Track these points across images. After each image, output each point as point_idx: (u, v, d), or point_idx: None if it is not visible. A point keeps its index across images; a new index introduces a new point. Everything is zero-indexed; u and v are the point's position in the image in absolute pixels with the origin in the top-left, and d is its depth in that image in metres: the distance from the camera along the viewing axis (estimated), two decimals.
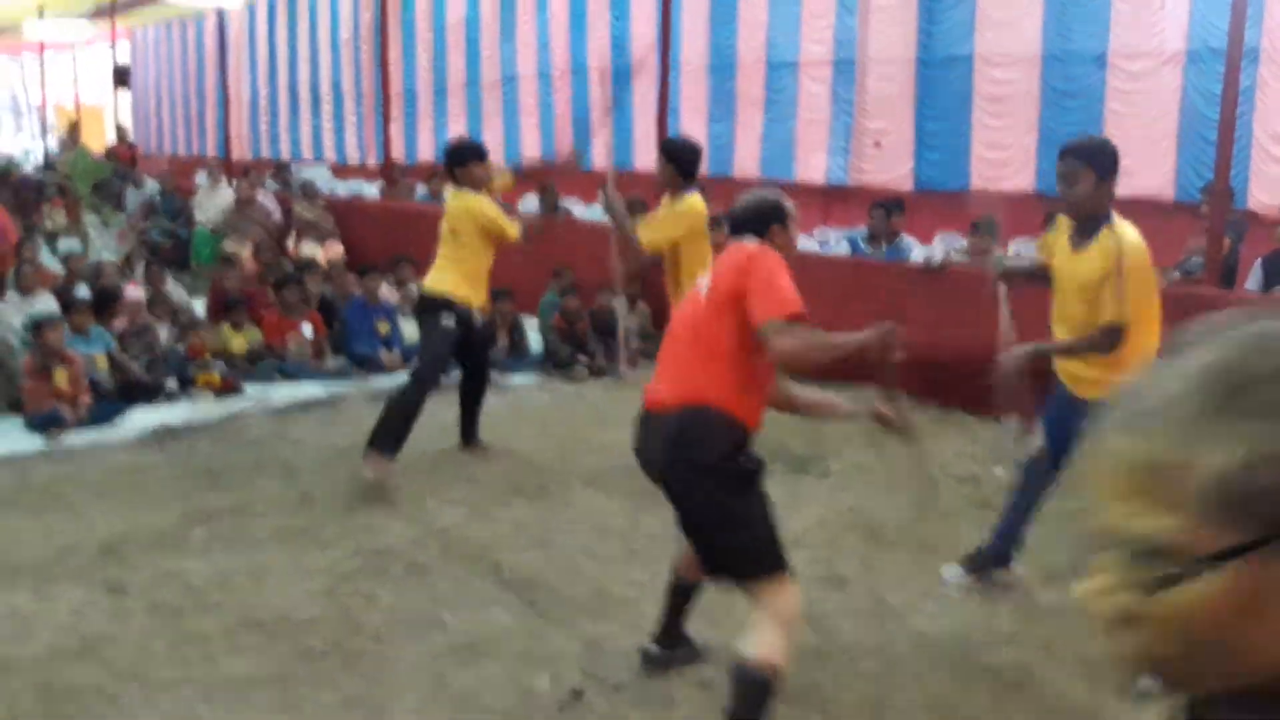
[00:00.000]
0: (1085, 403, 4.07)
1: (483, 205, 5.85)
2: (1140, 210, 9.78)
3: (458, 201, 5.90)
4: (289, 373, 7.78)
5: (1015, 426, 6.84)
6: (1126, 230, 3.95)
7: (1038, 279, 4.36)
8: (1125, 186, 10.36)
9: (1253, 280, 6.78)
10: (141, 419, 6.77)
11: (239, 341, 7.89)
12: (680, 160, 5.55)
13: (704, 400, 3.22)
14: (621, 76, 14.65)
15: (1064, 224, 4.16)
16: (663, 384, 3.36)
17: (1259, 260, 6.81)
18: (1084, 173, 3.95)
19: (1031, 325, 4.53)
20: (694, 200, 5.52)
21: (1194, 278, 7.26)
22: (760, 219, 3.38)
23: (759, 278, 3.17)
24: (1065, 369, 4.25)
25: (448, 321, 5.77)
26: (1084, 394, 4.12)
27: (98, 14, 19.95)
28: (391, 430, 5.63)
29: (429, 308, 5.92)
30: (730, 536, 3.24)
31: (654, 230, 5.53)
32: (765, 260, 3.23)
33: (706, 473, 3.23)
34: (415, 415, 5.69)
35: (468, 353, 6.05)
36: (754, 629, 3.20)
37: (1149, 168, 9.91)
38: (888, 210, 8.52)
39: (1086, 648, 4.08)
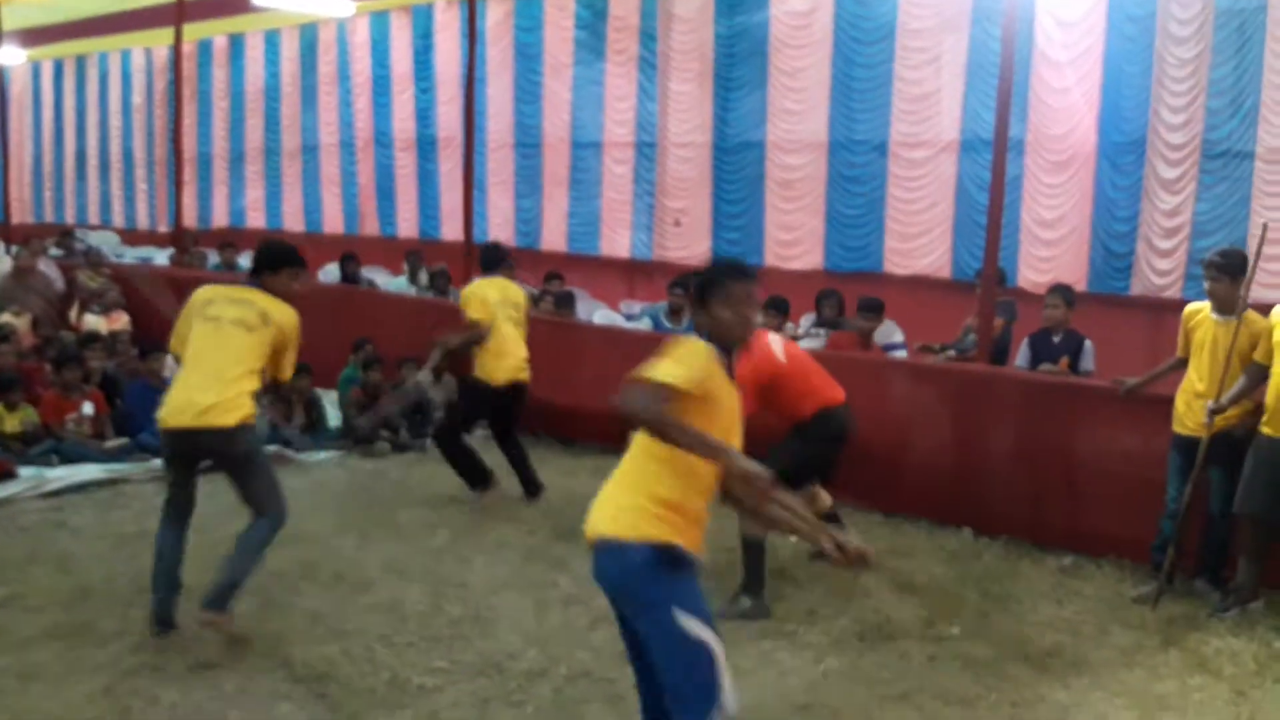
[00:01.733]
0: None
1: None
2: (921, 287, 10.49)
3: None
4: (67, 455, 7.35)
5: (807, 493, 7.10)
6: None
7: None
8: (906, 266, 11.06)
9: (1021, 358, 7.25)
10: None
11: (12, 422, 7.42)
12: (481, 258, 7.46)
13: None
14: (426, 148, 14.68)
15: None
16: None
17: (1026, 339, 7.30)
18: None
19: None
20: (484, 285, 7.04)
21: (968, 355, 7.72)
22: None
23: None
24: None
25: None
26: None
27: None
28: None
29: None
30: None
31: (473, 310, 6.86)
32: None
33: None
34: None
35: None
36: None
37: (928, 249, 10.56)
38: (685, 287, 8.75)
39: (872, 714, 4.24)
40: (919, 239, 10.58)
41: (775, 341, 5.66)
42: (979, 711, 4.34)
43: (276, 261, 4.95)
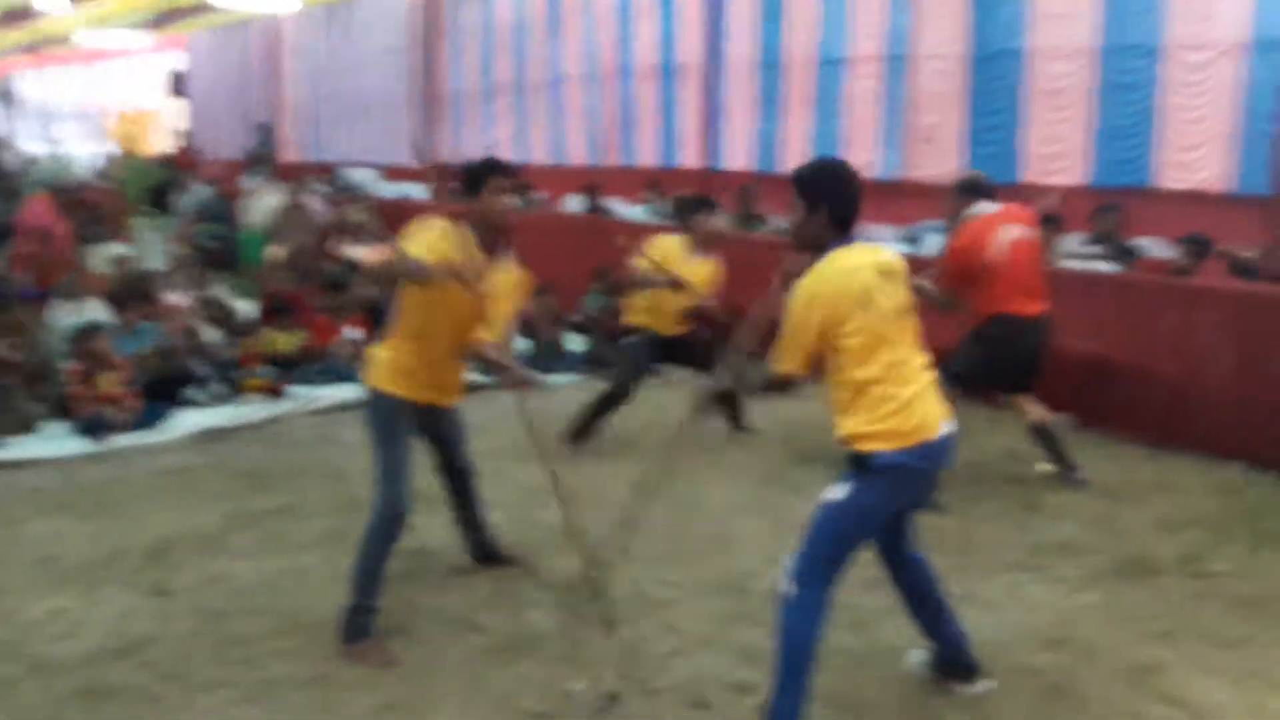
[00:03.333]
0: None
1: None
2: (1198, 202, 9.68)
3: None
4: (334, 375, 7.83)
5: (1065, 423, 6.75)
6: None
7: None
8: (1182, 180, 10.21)
9: None
10: (187, 421, 6.86)
11: (286, 344, 7.96)
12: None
13: None
14: (669, 75, 14.65)
15: None
16: None
17: None
18: None
19: None
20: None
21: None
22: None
23: None
24: None
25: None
26: None
27: (156, 23, 20.27)
28: None
29: None
30: None
31: None
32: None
33: None
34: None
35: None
36: None
37: (1206, 161, 9.72)
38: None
39: (1129, 653, 4.01)
40: (1197, 150, 9.75)
41: (1005, 232, 5.48)
42: (1248, 653, 4.02)
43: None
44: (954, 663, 3.72)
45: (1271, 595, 4.48)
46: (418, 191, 14.87)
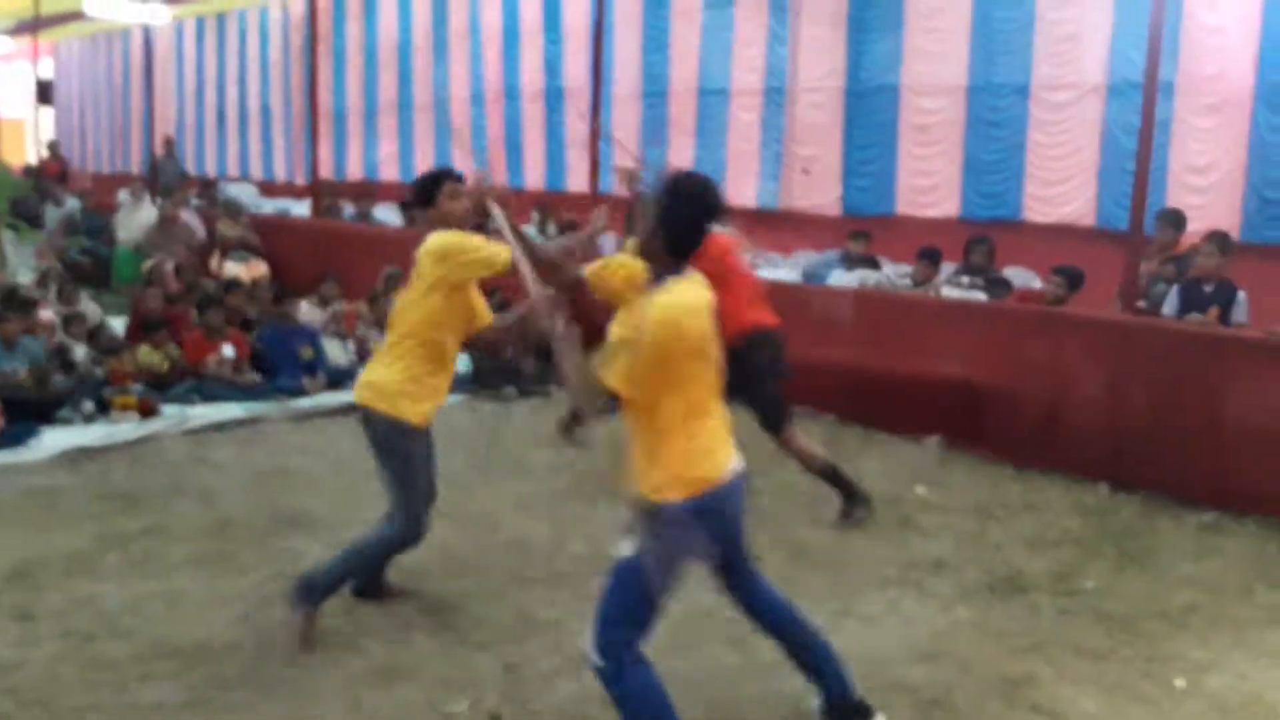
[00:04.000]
0: None
1: None
2: (1062, 236, 10.09)
3: None
4: (208, 394, 7.63)
5: (936, 445, 6.98)
6: None
7: None
8: (1047, 214, 10.64)
9: (1169, 306, 6.94)
10: (56, 440, 6.61)
11: (157, 359, 7.73)
12: None
13: None
14: (554, 99, 14.71)
15: None
16: None
17: (1175, 287, 6.99)
18: None
19: None
20: None
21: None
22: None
23: None
24: None
25: None
26: None
27: (19, 30, 19.56)
28: None
29: None
30: None
31: None
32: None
33: None
34: None
35: None
36: None
37: (1070, 196, 10.17)
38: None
39: (1001, 666, 4.15)
40: (1061, 185, 10.19)
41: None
42: (1112, 665, 4.20)
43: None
44: (842, 702, 3.56)
45: (1136, 611, 4.68)
46: (298, 208, 14.61)
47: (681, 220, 3.15)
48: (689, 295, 3.13)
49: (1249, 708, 3.91)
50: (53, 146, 20.98)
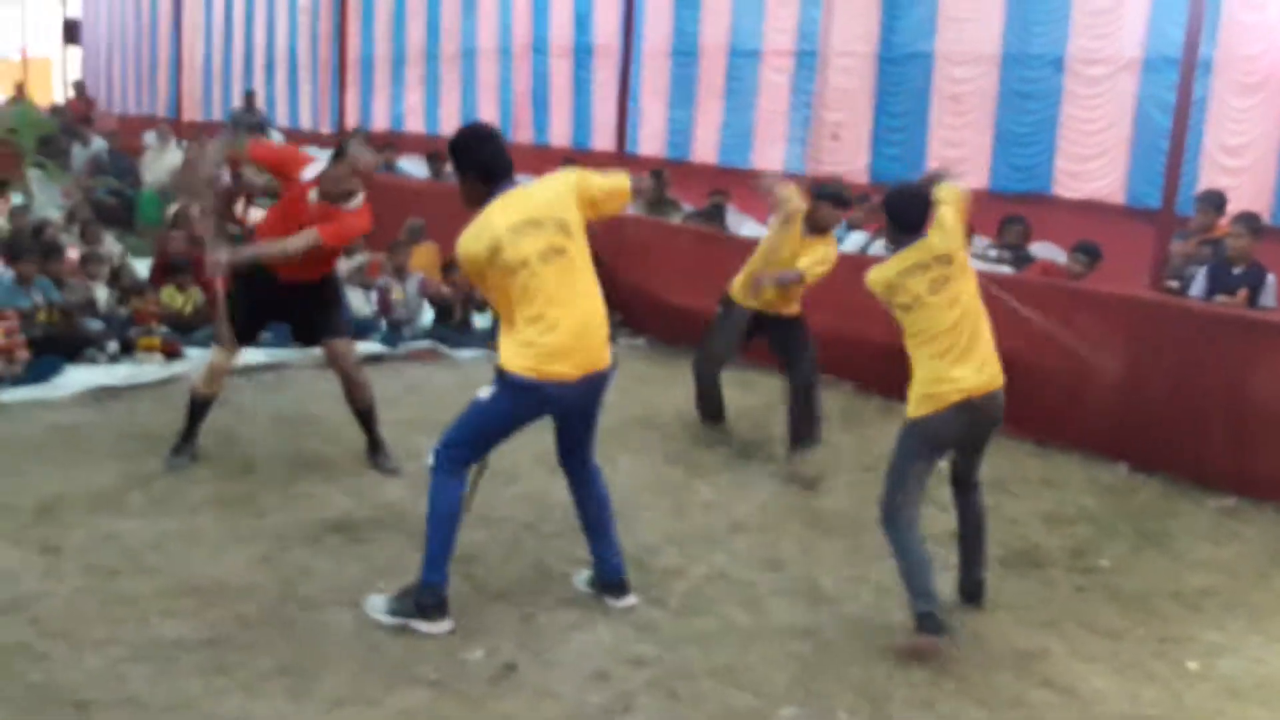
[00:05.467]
0: None
1: None
2: (1091, 212, 10.00)
3: None
4: None
5: None
6: None
7: None
8: (1077, 190, 10.51)
9: (1197, 288, 6.90)
10: (80, 378, 6.64)
11: (181, 302, 7.76)
12: None
13: None
14: (583, 55, 14.61)
15: None
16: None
17: (1204, 268, 6.94)
18: None
19: None
20: None
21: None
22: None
23: None
24: None
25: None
26: None
27: None
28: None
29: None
30: None
31: None
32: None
33: None
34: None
35: None
36: None
37: (1102, 172, 10.07)
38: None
39: (1014, 639, 4.16)
40: (1093, 161, 10.09)
41: None
42: (1125, 644, 4.21)
43: None
44: (607, 581, 4.23)
45: (1151, 591, 4.68)
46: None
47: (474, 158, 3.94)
48: (482, 219, 3.82)
49: (1261, 690, 3.92)
50: (78, 86, 20.98)
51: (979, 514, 4.45)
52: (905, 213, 4.25)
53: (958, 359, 4.07)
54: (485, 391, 3.89)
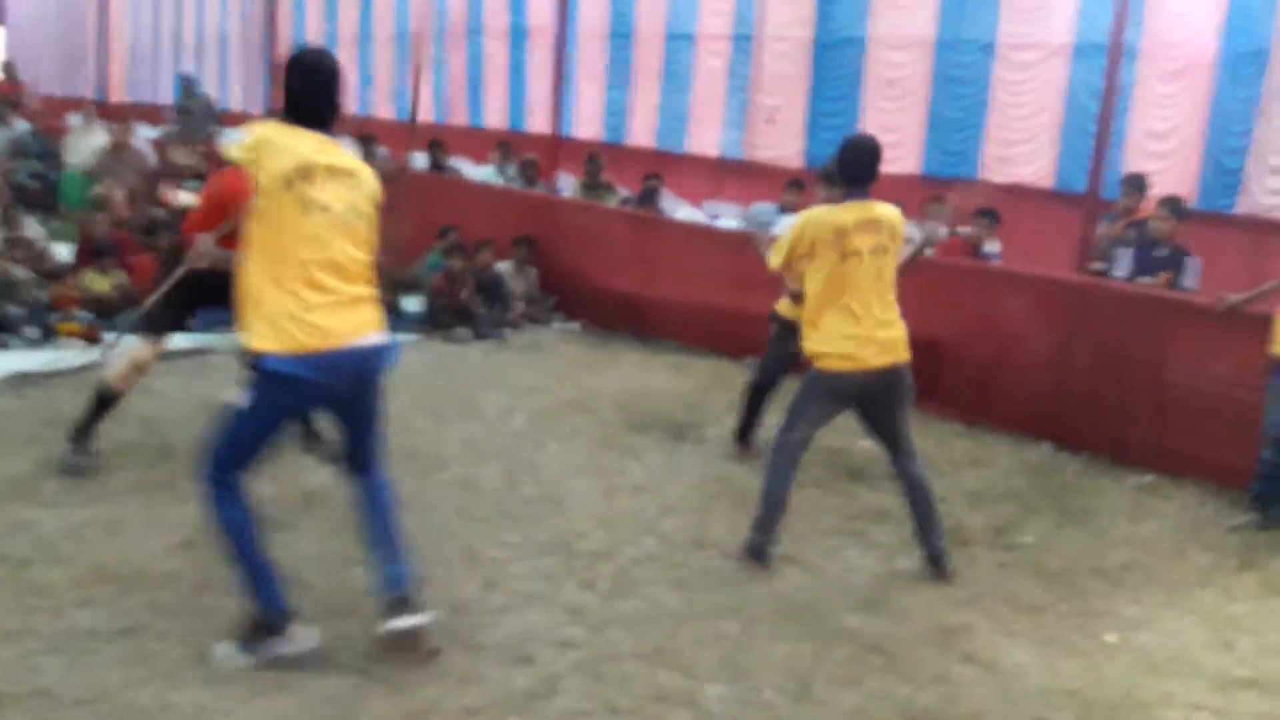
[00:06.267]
0: None
1: None
2: (1020, 196, 10.13)
3: None
4: None
5: None
6: None
7: None
8: (1006, 174, 10.64)
9: (1121, 269, 7.01)
10: None
11: (105, 285, 7.59)
12: None
13: None
14: (519, 37, 14.50)
15: None
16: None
17: (1129, 250, 7.06)
18: None
19: None
20: None
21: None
22: None
23: None
24: None
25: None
26: None
27: None
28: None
29: None
30: None
31: None
32: None
33: None
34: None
35: None
36: None
37: (1030, 157, 10.20)
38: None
39: (938, 616, 4.21)
40: (1022, 146, 10.22)
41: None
42: (1047, 619, 4.28)
43: None
44: (389, 596, 3.66)
45: (1073, 567, 4.77)
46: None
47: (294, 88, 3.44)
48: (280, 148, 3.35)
49: (1175, 663, 4.00)
50: (8, 67, 20.39)
51: (921, 483, 4.56)
52: (856, 162, 4.48)
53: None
54: (238, 395, 3.54)
